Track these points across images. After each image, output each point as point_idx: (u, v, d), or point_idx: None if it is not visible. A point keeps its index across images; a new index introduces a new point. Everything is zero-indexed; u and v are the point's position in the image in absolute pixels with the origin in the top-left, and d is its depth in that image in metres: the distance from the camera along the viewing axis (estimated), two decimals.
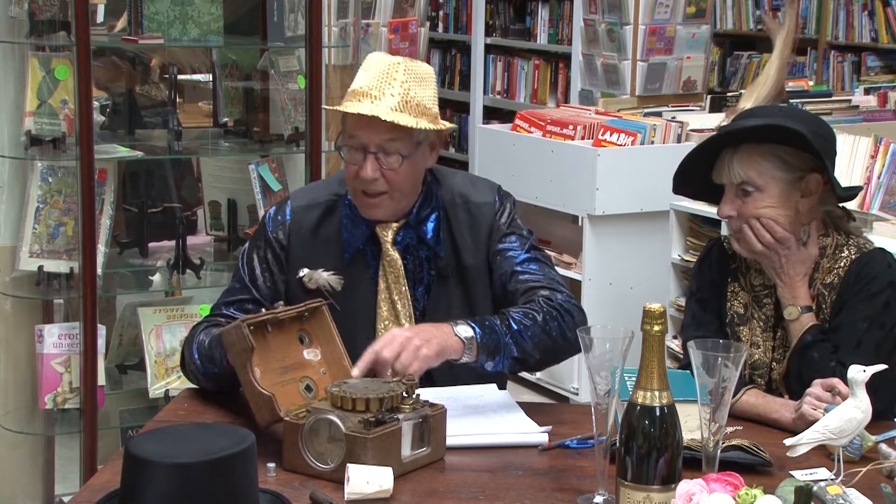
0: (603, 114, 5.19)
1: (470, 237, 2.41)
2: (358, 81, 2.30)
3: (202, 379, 2.34)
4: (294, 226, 2.41)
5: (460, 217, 2.42)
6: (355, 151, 2.31)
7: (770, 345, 2.37)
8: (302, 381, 2.15)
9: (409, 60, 2.32)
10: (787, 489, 1.75)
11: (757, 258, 2.35)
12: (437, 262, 2.40)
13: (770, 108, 2.45)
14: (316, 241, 2.40)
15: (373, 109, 2.25)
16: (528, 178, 5.00)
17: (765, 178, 2.28)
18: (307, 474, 1.96)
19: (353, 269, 2.38)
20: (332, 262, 2.38)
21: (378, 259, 2.39)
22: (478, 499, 1.90)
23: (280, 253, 2.41)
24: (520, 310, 2.31)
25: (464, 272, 2.41)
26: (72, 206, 3.25)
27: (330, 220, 2.41)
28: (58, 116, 3.25)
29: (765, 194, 2.29)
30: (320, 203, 2.43)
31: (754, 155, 2.27)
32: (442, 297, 2.40)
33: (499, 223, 2.44)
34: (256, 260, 2.43)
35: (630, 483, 1.74)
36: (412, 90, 2.28)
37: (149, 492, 1.65)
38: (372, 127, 2.27)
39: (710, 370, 1.79)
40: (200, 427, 1.89)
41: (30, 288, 3.28)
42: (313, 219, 2.41)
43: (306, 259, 2.39)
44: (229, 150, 3.59)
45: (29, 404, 3.33)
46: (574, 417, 2.28)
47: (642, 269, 4.83)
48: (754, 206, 2.29)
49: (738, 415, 2.21)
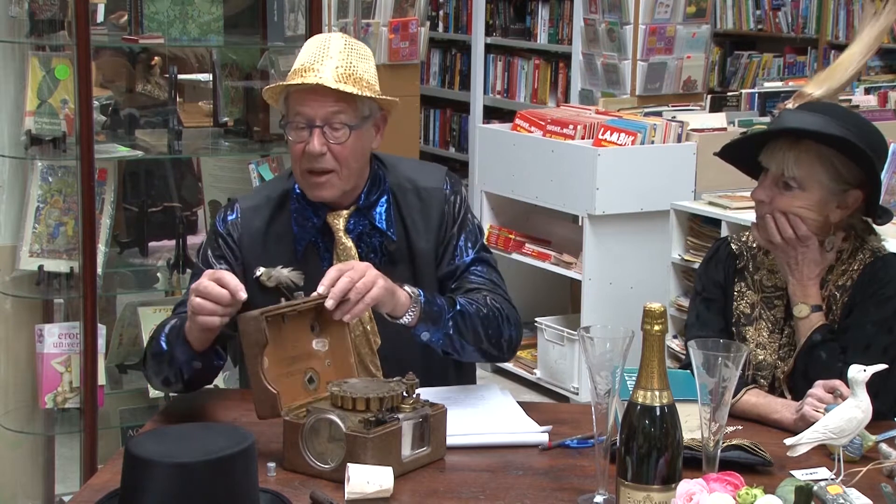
0: (603, 113, 5.19)
1: (421, 221, 2.40)
2: (299, 60, 2.30)
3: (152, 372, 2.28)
4: (244, 226, 2.38)
5: (410, 201, 2.41)
6: (300, 129, 2.29)
7: (776, 345, 2.37)
8: (306, 373, 2.14)
9: (346, 36, 2.33)
10: (788, 489, 1.75)
11: (772, 250, 2.35)
12: (388, 247, 2.38)
13: (839, 110, 2.37)
14: (267, 239, 2.38)
15: (318, 79, 2.24)
16: (529, 178, 5.00)
17: (812, 181, 2.27)
18: (307, 474, 1.96)
19: (306, 262, 2.35)
20: (285, 259, 2.34)
21: (331, 249, 2.37)
22: (478, 498, 1.90)
23: (235, 248, 2.38)
24: (465, 297, 2.32)
25: (414, 256, 2.39)
26: (72, 205, 3.25)
27: (280, 217, 2.39)
28: (58, 116, 3.25)
29: (805, 195, 2.28)
30: (270, 200, 2.40)
31: (811, 155, 2.26)
32: (390, 277, 2.34)
33: (451, 212, 2.42)
34: (213, 258, 2.38)
35: (630, 483, 1.74)
36: (354, 63, 2.29)
37: (149, 491, 1.65)
38: (317, 100, 2.26)
39: (710, 370, 1.79)
40: (201, 427, 1.89)
41: (30, 287, 3.28)
42: (263, 217, 2.39)
43: (259, 259, 2.35)
44: (229, 150, 3.59)
45: (29, 404, 3.32)
46: (574, 417, 2.28)
47: (642, 269, 4.83)
48: (790, 201, 2.29)
49: (738, 415, 2.21)
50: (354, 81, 2.28)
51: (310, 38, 2.38)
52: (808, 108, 2.36)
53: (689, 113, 5.23)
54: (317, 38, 2.35)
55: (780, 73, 7.52)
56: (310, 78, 2.26)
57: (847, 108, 2.54)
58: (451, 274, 2.41)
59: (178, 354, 2.21)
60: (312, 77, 2.26)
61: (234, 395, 2.46)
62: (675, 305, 4.59)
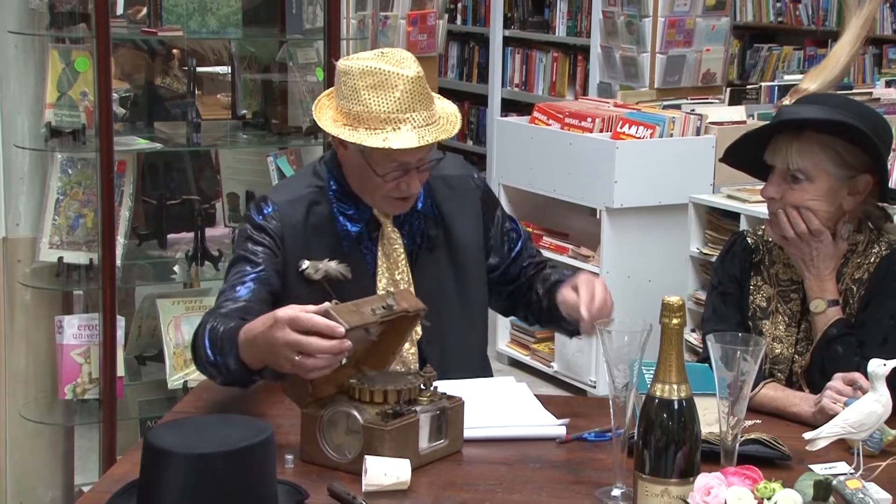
0: (621, 106, 5.17)
1: (456, 209, 2.42)
2: (378, 105, 2.20)
3: (212, 369, 2.19)
4: (283, 219, 2.33)
5: (440, 189, 2.43)
6: (395, 171, 2.27)
7: (793, 339, 2.36)
8: None
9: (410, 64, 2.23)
10: (806, 483, 1.74)
11: (786, 246, 2.34)
12: (429, 231, 2.40)
13: (836, 98, 2.38)
14: (307, 232, 2.34)
15: (422, 137, 2.21)
16: (547, 171, 4.99)
17: (818, 170, 2.26)
18: (325, 466, 1.96)
19: (349, 255, 2.34)
20: (325, 252, 2.31)
21: (375, 240, 2.37)
22: (495, 491, 1.90)
23: (276, 238, 2.32)
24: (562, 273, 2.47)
25: (452, 243, 2.41)
26: (91, 197, 3.27)
27: (318, 211, 2.35)
28: (77, 108, 3.26)
29: (813, 186, 2.27)
30: (302, 197, 2.36)
31: (814, 145, 2.25)
32: (430, 267, 2.39)
33: (487, 198, 2.49)
34: (253, 245, 2.31)
35: (648, 476, 1.74)
36: (430, 94, 2.25)
37: (167, 482, 1.66)
38: (416, 151, 2.24)
39: (728, 363, 1.79)
40: (219, 418, 1.89)
41: (50, 279, 3.30)
42: (300, 212, 2.34)
43: (299, 251, 2.31)
44: (248, 143, 3.59)
45: (49, 394, 3.34)
46: (591, 410, 2.28)
47: (660, 263, 4.81)
48: (800, 195, 2.28)
49: (756, 408, 2.21)
50: (437, 119, 2.27)
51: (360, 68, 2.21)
52: (804, 101, 2.36)
53: (707, 106, 5.21)
54: (380, 73, 2.19)
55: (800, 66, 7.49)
56: (406, 133, 2.19)
57: (845, 96, 2.54)
58: (517, 257, 2.50)
59: (231, 367, 2.11)
60: (408, 131, 2.20)
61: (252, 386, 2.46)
62: (694, 299, 4.58)
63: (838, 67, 2.56)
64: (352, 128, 2.23)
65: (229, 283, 2.29)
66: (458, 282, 2.41)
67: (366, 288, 2.31)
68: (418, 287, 2.34)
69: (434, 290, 2.34)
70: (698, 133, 4.87)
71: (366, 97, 2.21)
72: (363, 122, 2.22)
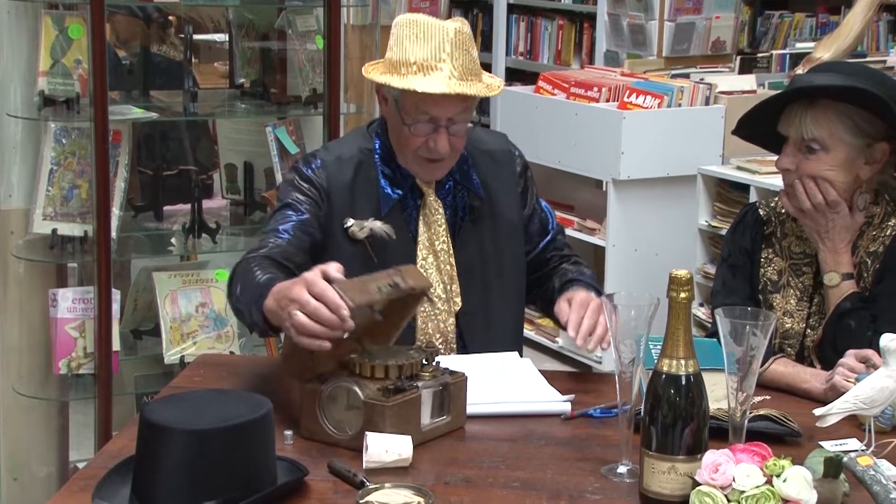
0: (629, 75, 5.15)
1: (499, 183, 2.46)
2: (410, 50, 2.27)
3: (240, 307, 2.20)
4: (331, 176, 2.39)
5: (482, 162, 2.46)
6: (424, 124, 2.31)
7: (804, 313, 2.36)
8: None
9: (458, 22, 2.31)
10: (817, 460, 1.74)
11: (802, 218, 2.33)
12: (473, 203, 2.43)
13: (850, 66, 2.38)
14: (354, 192, 2.39)
15: (450, 84, 2.24)
16: (552, 142, 4.97)
17: (834, 139, 2.26)
18: (325, 442, 1.96)
19: (390, 220, 2.38)
20: (369, 214, 2.38)
21: (418, 208, 2.41)
22: (499, 468, 1.90)
23: (322, 193, 2.37)
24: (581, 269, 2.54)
25: (496, 217, 2.44)
26: (86, 168, 3.26)
27: (364, 172, 2.41)
28: (72, 76, 3.25)
29: (829, 156, 2.27)
30: (351, 157, 2.42)
31: (829, 113, 2.25)
32: (471, 240, 2.43)
33: (526, 177, 2.52)
34: (298, 195, 2.36)
35: (654, 453, 1.74)
36: (472, 53, 2.30)
37: (165, 458, 1.67)
38: (446, 103, 2.28)
39: (737, 338, 1.79)
40: (217, 393, 1.90)
41: (43, 251, 3.29)
42: (347, 171, 2.40)
43: (344, 210, 2.37)
44: (246, 112, 3.58)
45: (43, 369, 3.35)
46: (597, 386, 2.28)
47: (668, 236, 4.81)
48: (815, 165, 2.27)
49: (766, 384, 2.21)
50: (475, 75, 2.30)
51: (413, 19, 2.31)
52: (818, 70, 2.35)
53: (717, 75, 5.19)
54: (430, 27, 2.28)
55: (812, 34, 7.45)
56: (437, 78, 2.24)
57: (859, 63, 2.52)
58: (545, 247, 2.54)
59: (256, 321, 2.13)
60: (440, 78, 2.24)
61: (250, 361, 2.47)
62: (702, 272, 4.57)
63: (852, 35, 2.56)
64: (388, 74, 2.30)
65: (271, 226, 2.35)
66: (498, 256, 2.44)
67: (406, 255, 2.36)
68: (458, 259, 2.39)
69: (474, 263, 2.40)
70: (707, 103, 4.85)
71: (406, 45, 2.29)
72: (398, 69, 2.29)
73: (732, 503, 1.66)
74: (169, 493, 1.66)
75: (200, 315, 3.40)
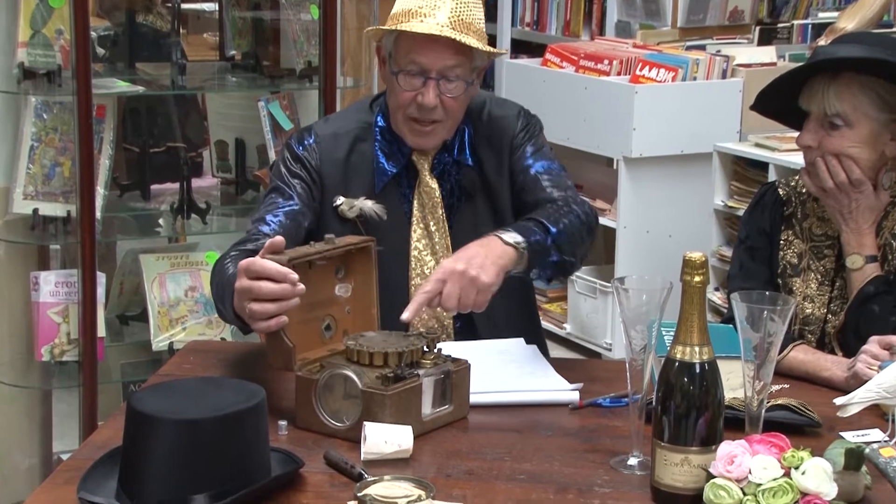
0: (641, 47, 5.14)
1: (490, 151, 2.44)
2: (412, 2, 2.30)
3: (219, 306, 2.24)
4: (324, 152, 2.41)
5: (481, 131, 2.46)
6: (413, 77, 2.32)
7: (825, 298, 2.37)
8: (323, 320, 2.15)
9: None
10: (837, 451, 1.75)
11: (824, 198, 2.34)
12: (465, 178, 2.43)
13: (875, 37, 2.39)
14: (347, 169, 2.41)
15: (441, 29, 2.26)
16: (560, 118, 4.97)
17: (858, 114, 2.26)
18: (321, 433, 1.97)
19: (385, 198, 2.40)
20: (363, 192, 2.40)
21: (413, 187, 2.42)
22: (503, 460, 1.91)
23: (313, 171, 2.40)
24: (546, 213, 2.31)
25: (490, 190, 2.44)
26: (68, 144, 3.26)
27: (361, 148, 2.43)
28: (53, 48, 3.25)
29: (853, 131, 2.27)
30: (348, 132, 2.44)
31: (853, 87, 2.25)
32: (468, 218, 2.43)
33: (517, 137, 2.45)
34: (289, 176, 2.40)
35: (667, 444, 1.75)
36: (471, 9, 2.31)
37: (153, 450, 1.67)
38: (436, 49, 2.29)
39: (755, 324, 1.79)
40: (208, 381, 1.91)
41: (24, 232, 3.30)
42: (343, 147, 2.42)
43: (337, 188, 2.40)
44: (237, 86, 3.58)
45: (24, 356, 3.36)
46: (607, 374, 2.29)
47: (682, 216, 4.81)
48: (839, 142, 2.28)
49: (784, 372, 2.21)
50: (473, 31, 2.31)
51: None
52: (842, 40, 2.35)
53: (735, 46, 5.19)
54: None
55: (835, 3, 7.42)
56: (429, 24, 2.27)
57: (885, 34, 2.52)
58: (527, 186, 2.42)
59: (229, 316, 2.15)
60: (432, 24, 2.27)
61: (242, 348, 2.48)
62: (718, 255, 4.58)
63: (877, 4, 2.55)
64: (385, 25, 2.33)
65: (260, 214, 2.37)
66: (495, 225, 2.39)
67: (400, 235, 2.38)
68: (454, 240, 2.39)
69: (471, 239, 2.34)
70: (724, 76, 4.85)
71: None
72: (394, 20, 2.31)
73: (748, 497, 1.67)
74: (158, 486, 1.67)
75: (190, 299, 3.41)
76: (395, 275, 2.36)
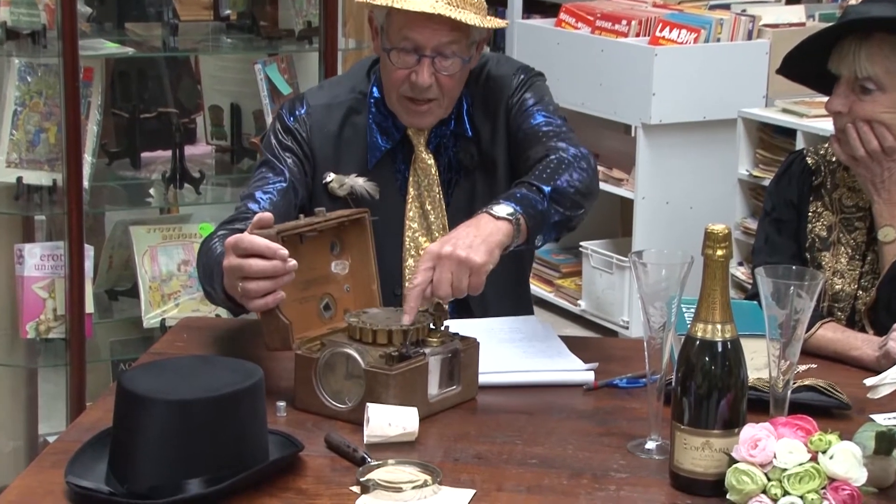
0: (661, 7, 5.13)
1: (485, 118, 2.42)
2: None
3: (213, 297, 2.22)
4: (315, 124, 2.41)
5: (478, 95, 2.44)
6: (407, 54, 2.31)
7: (856, 273, 2.37)
8: (322, 299, 2.15)
9: None
10: (867, 435, 1.75)
11: (854, 167, 2.33)
12: (462, 151, 2.41)
13: None
14: (340, 142, 2.41)
15: (434, 6, 2.24)
16: (575, 82, 4.96)
17: (891, 76, 2.25)
18: (322, 414, 1.98)
19: (378, 174, 2.40)
20: (355, 167, 2.39)
21: (408, 163, 2.42)
22: (514, 443, 1.92)
23: (304, 144, 2.40)
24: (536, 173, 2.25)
25: (487, 165, 2.42)
26: (54, 109, 3.26)
27: (354, 121, 2.42)
28: (37, 6, 3.25)
29: (886, 96, 2.26)
30: (341, 103, 2.44)
31: (885, 48, 2.24)
32: (465, 194, 2.42)
33: (513, 96, 2.41)
34: (280, 150, 2.40)
35: (687, 427, 1.75)
36: None
37: (145, 432, 1.68)
38: (430, 26, 2.27)
39: (781, 300, 1.79)
40: (202, 360, 1.91)
41: (8, 202, 3.31)
42: (335, 119, 2.42)
43: (328, 162, 2.40)
44: (232, 48, 3.58)
45: (8, 333, 3.37)
46: (624, 353, 2.29)
47: (704, 186, 4.81)
48: (871, 107, 2.27)
49: (812, 351, 2.22)
50: (470, 4, 2.29)
51: None
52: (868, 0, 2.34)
53: (761, 6, 5.17)
54: None
55: None
56: (424, 2, 2.24)
57: None
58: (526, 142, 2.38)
59: (218, 297, 2.15)
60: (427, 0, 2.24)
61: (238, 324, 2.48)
62: (742, 228, 4.58)
63: None
64: None
65: (250, 190, 2.37)
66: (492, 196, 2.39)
67: (395, 213, 2.38)
68: (451, 219, 2.38)
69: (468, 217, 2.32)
70: (750, 38, 4.84)
71: None
72: None
73: (773, 482, 1.67)
74: (150, 470, 1.68)
75: (183, 274, 3.42)
76: (389, 254, 2.35)
